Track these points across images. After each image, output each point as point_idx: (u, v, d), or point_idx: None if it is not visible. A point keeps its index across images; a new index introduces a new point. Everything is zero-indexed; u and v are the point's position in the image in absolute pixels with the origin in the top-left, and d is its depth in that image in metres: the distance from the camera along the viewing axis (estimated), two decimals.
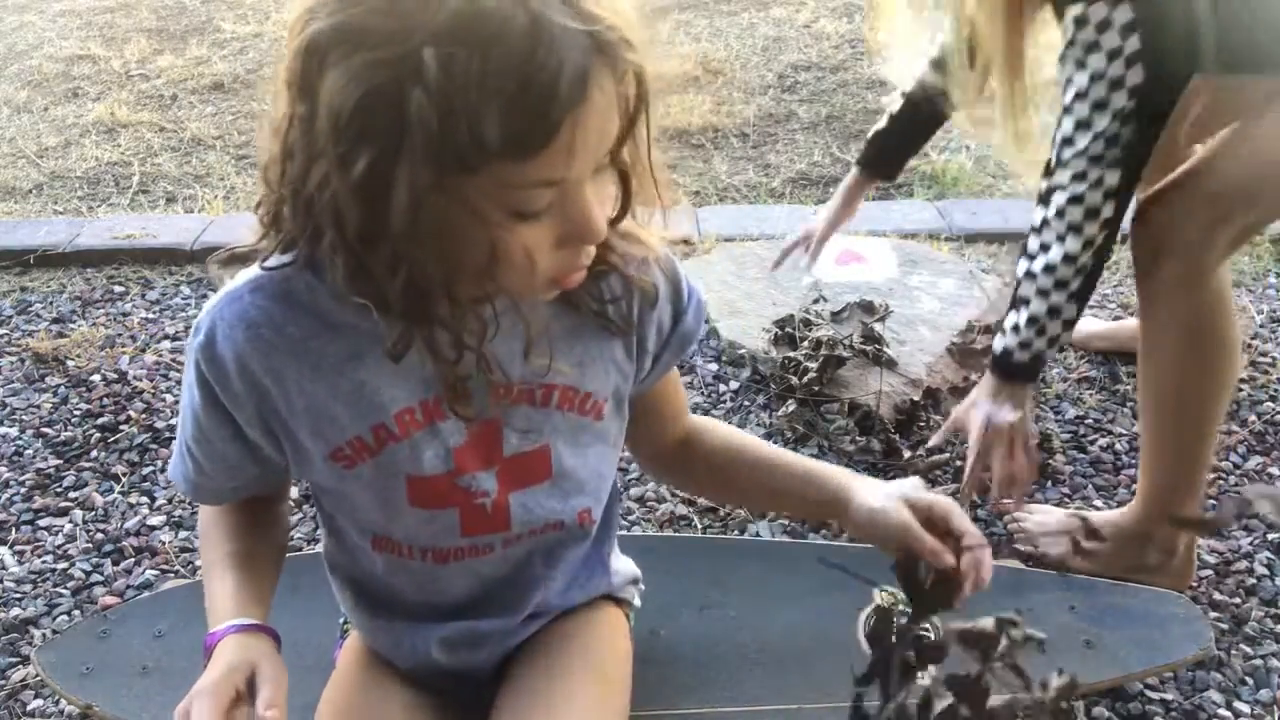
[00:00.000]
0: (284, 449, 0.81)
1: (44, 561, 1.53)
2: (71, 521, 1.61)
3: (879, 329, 1.84)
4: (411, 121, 0.59)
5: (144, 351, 2.04)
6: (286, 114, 0.65)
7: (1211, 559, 1.48)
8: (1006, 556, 1.41)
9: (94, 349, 2.05)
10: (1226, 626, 1.37)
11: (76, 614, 1.43)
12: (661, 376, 0.92)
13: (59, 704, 1.28)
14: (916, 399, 1.75)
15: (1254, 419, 1.77)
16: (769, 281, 2.06)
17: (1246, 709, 1.26)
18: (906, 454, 1.67)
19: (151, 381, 1.93)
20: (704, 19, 3.98)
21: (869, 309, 1.91)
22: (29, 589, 1.48)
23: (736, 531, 1.55)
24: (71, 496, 1.66)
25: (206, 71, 3.60)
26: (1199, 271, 1.22)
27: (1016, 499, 1.39)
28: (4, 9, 4.37)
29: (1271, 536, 1.52)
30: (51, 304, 2.25)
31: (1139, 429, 1.39)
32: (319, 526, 0.93)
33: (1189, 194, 1.22)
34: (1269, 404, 1.81)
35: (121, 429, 1.81)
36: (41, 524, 1.61)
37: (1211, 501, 1.57)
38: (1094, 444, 1.72)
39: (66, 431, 1.81)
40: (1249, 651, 1.33)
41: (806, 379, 1.75)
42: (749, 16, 4.02)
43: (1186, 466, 1.32)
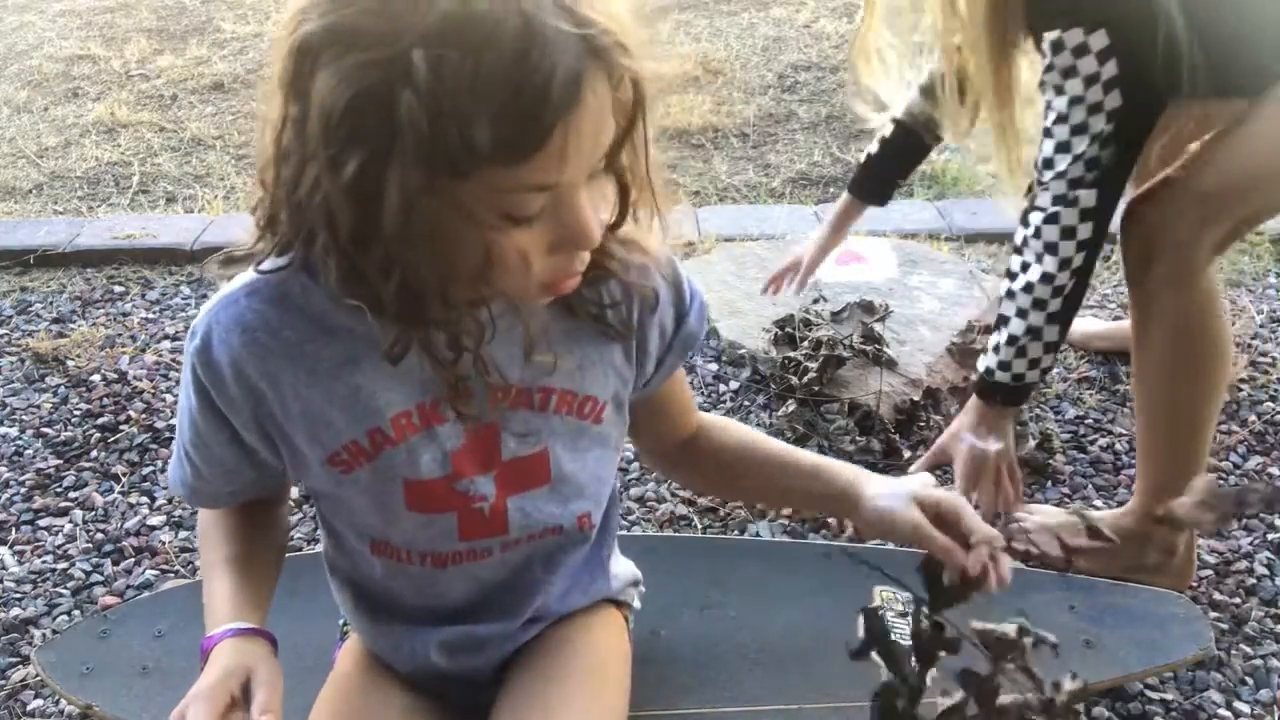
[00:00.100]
0: (281, 453, 0.81)
1: (44, 561, 1.53)
2: (71, 521, 1.61)
3: (879, 329, 1.84)
4: (401, 123, 0.59)
5: (144, 351, 2.04)
6: (280, 116, 0.65)
7: (1211, 559, 1.48)
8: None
9: (94, 349, 2.05)
10: (1226, 626, 1.37)
11: (76, 614, 1.43)
12: (666, 379, 0.92)
13: (59, 704, 1.28)
14: (916, 399, 1.75)
15: (1254, 419, 1.77)
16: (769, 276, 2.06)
17: (1246, 709, 1.26)
18: (906, 454, 1.67)
19: (151, 381, 1.93)
20: (704, 19, 3.98)
21: (869, 309, 1.91)
22: (29, 589, 1.48)
23: (736, 531, 1.55)
24: (71, 496, 1.66)
25: (206, 71, 3.60)
26: (1189, 271, 1.23)
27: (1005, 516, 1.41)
28: (4, 9, 4.37)
29: (1271, 536, 1.52)
30: (51, 304, 2.25)
31: (1136, 429, 1.40)
32: (319, 527, 0.93)
33: (1179, 193, 1.23)
34: (1269, 404, 1.81)
35: (121, 429, 1.81)
36: (41, 524, 1.61)
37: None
38: (1094, 444, 1.72)
39: (66, 431, 1.81)
40: (1249, 651, 1.33)
41: (806, 379, 1.75)
42: (749, 16, 4.02)
43: (1183, 466, 1.32)
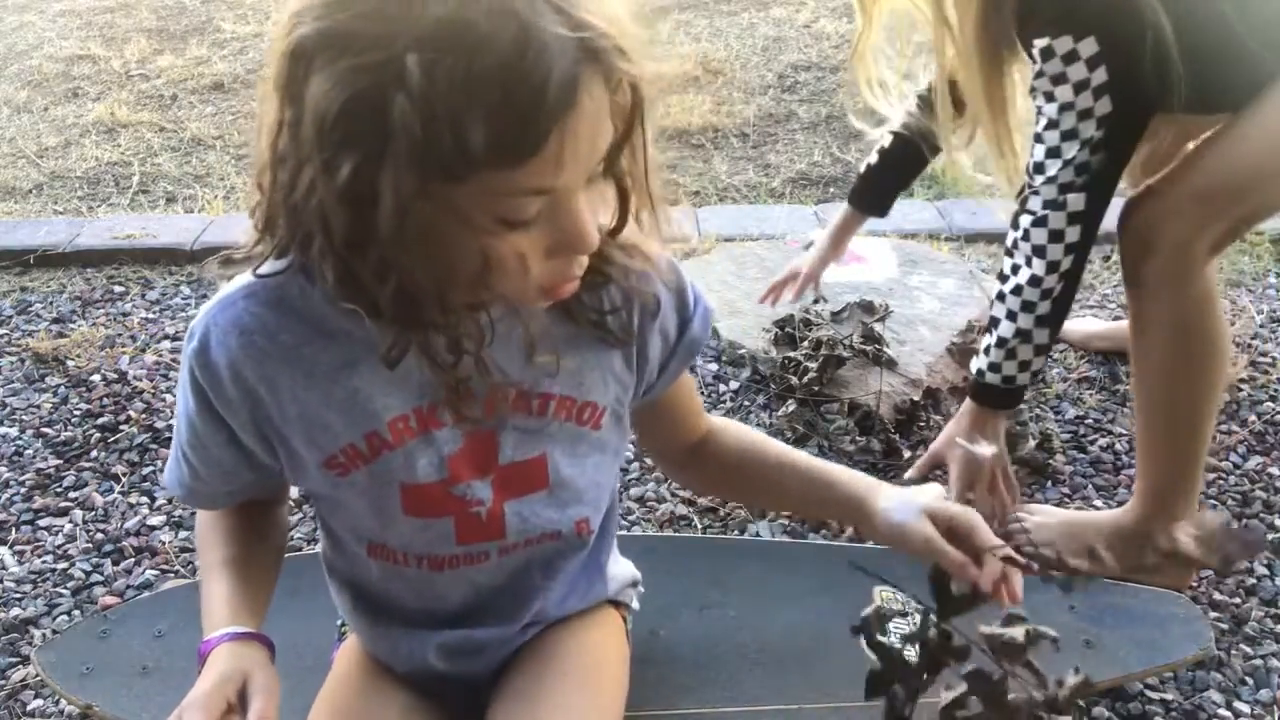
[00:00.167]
0: (278, 455, 0.80)
1: (44, 561, 1.53)
2: (71, 521, 1.61)
3: (879, 329, 1.84)
4: (395, 127, 0.59)
5: (144, 351, 2.04)
6: (276, 119, 0.65)
7: None
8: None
9: (94, 349, 2.05)
10: (1226, 626, 1.37)
11: (76, 614, 1.43)
12: (671, 384, 0.92)
13: (59, 704, 1.28)
14: (916, 399, 1.75)
15: (1254, 419, 1.77)
16: (769, 283, 2.05)
17: (1246, 709, 1.26)
18: (906, 454, 1.67)
19: (151, 381, 1.93)
20: (704, 19, 3.98)
21: (869, 309, 1.91)
22: (29, 589, 1.48)
23: (736, 531, 1.55)
24: (71, 496, 1.66)
25: (206, 71, 3.60)
26: (1186, 270, 1.23)
27: (1001, 519, 1.41)
28: (4, 9, 4.37)
29: (1271, 537, 1.52)
30: (51, 304, 2.25)
31: (1135, 429, 1.40)
32: (318, 527, 0.93)
33: (1176, 193, 1.23)
34: (1269, 404, 1.81)
35: (121, 429, 1.81)
36: (41, 524, 1.61)
37: (1212, 502, 1.57)
38: (1094, 444, 1.72)
39: (66, 431, 1.81)
40: (1249, 651, 1.33)
41: (806, 379, 1.75)
42: (749, 16, 4.02)
43: (1182, 465, 1.33)
